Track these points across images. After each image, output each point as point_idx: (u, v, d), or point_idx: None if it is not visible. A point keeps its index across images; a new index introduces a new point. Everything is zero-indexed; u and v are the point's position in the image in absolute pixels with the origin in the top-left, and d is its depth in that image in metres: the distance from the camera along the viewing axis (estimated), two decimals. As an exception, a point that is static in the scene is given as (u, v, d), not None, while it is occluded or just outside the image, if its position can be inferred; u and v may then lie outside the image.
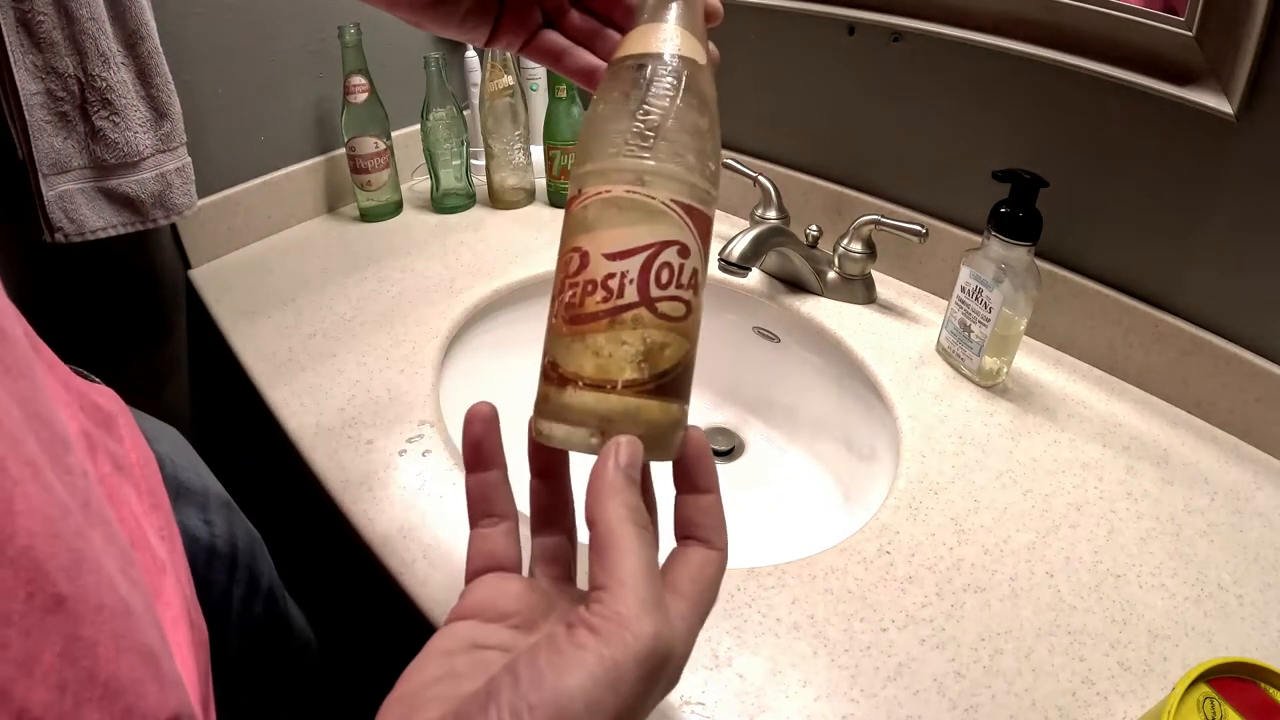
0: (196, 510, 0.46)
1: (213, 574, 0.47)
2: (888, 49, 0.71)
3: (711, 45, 0.31)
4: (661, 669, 0.22)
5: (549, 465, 0.30)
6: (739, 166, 0.80)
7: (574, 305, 0.27)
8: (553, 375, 0.27)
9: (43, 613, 0.17)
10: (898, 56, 0.71)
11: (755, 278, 0.81)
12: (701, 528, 0.27)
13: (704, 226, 0.28)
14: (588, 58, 0.37)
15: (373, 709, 0.24)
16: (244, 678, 0.50)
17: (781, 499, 0.72)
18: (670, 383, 0.27)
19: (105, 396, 0.36)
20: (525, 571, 0.30)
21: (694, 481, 0.27)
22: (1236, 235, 0.58)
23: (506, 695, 0.20)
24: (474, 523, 0.30)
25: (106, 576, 0.20)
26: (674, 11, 0.29)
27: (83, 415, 0.31)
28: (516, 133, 0.92)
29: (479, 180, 0.99)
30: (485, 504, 0.30)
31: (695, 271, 0.27)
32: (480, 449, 0.29)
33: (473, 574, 0.29)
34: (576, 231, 0.27)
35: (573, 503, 0.31)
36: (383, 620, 0.61)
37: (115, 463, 0.31)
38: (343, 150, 0.91)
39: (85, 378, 0.36)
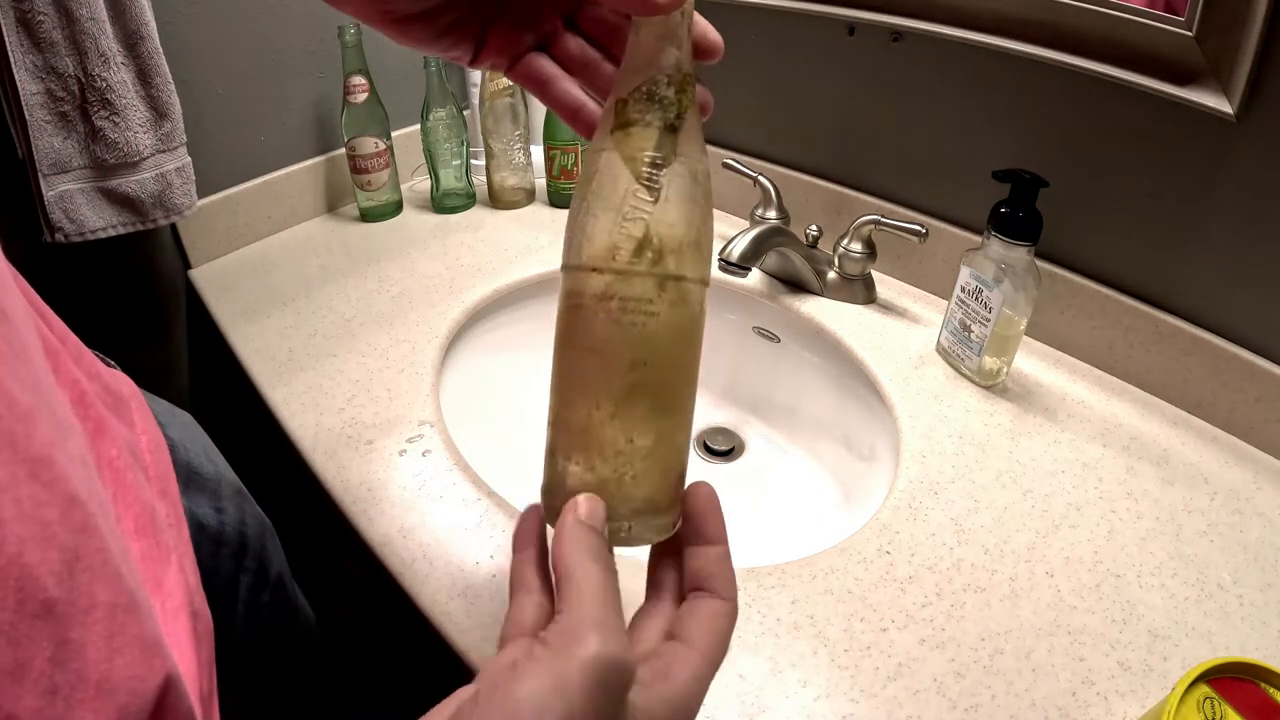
0: (208, 497, 0.46)
1: (219, 562, 0.47)
2: (888, 49, 0.71)
3: (712, 32, 0.30)
4: (611, 680, 0.23)
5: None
6: (739, 166, 0.80)
7: None
8: None
9: (32, 619, 0.17)
10: (898, 56, 0.71)
11: (755, 278, 0.81)
12: (712, 578, 0.27)
13: None
14: (574, 92, 0.34)
15: (373, 700, 0.24)
16: (248, 666, 0.51)
17: (781, 499, 0.72)
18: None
19: (117, 379, 0.36)
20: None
21: (703, 533, 0.28)
22: (1236, 235, 0.58)
23: (466, 712, 0.22)
24: (512, 594, 0.30)
25: (103, 572, 0.20)
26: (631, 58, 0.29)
27: (93, 395, 0.31)
28: (516, 133, 0.92)
29: (479, 180, 0.99)
30: (522, 581, 0.30)
31: None
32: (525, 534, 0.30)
33: (505, 640, 0.30)
34: None
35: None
36: (383, 614, 0.61)
37: (124, 446, 0.31)
38: (343, 150, 0.91)
39: (99, 359, 0.36)
